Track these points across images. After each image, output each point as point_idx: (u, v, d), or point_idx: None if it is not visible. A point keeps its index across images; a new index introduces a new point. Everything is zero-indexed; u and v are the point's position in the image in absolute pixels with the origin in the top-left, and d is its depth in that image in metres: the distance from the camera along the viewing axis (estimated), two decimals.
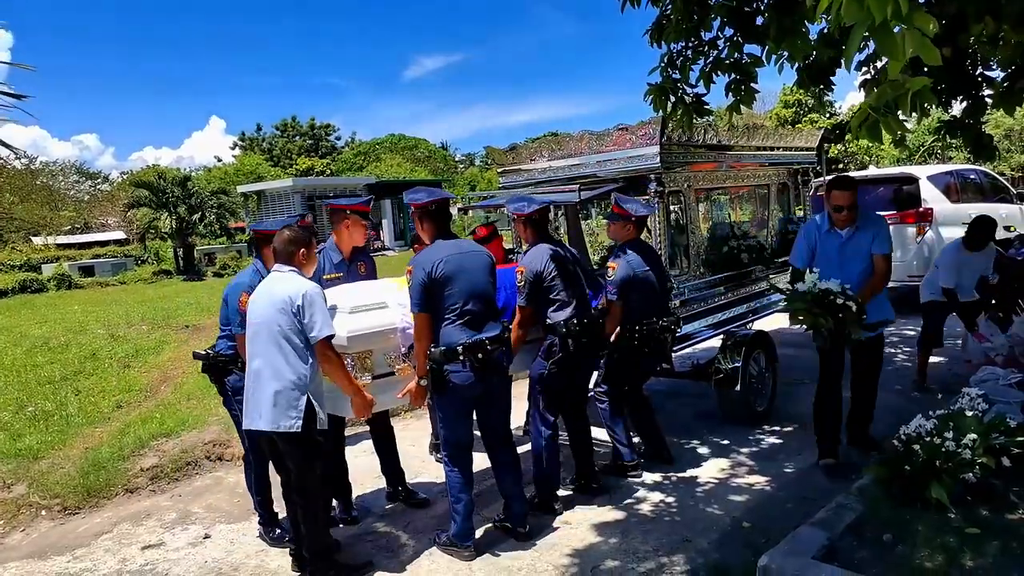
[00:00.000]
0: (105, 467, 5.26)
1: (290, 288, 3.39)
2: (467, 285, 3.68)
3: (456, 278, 3.65)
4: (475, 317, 3.70)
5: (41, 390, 7.78)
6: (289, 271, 3.51)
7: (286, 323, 3.34)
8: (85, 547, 4.26)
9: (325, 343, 3.38)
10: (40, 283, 20.57)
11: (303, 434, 3.36)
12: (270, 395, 3.35)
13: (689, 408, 6.01)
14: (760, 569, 3.17)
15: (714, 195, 6.03)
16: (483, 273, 3.79)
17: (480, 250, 3.92)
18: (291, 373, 3.35)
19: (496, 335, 3.74)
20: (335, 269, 4.36)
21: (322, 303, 3.42)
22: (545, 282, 4.18)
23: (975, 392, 3.95)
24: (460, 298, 3.66)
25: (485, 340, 3.67)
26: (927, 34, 2.05)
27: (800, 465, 4.68)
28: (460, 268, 3.68)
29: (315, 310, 3.36)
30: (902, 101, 1.94)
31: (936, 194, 9.15)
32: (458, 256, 3.72)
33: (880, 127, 2.05)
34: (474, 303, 3.70)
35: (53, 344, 10.40)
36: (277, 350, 3.36)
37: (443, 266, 3.63)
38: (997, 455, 3.63)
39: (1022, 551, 3.19)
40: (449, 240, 3.81)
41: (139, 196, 24.80)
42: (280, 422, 3.35)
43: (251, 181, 36.35)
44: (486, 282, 3.80)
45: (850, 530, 3.48)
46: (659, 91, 3.20)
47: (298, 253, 3.55)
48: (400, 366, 3.84)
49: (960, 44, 4.60)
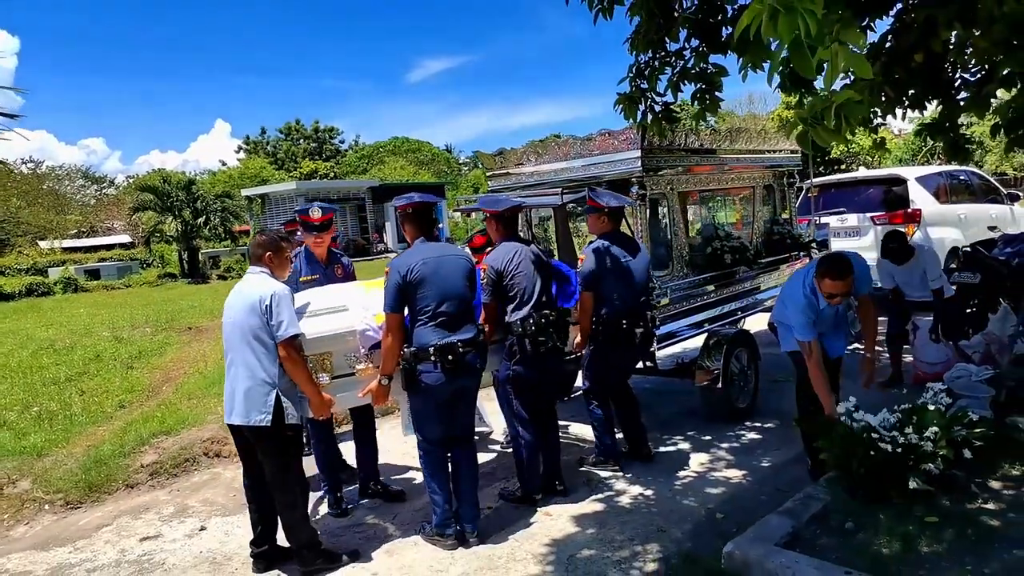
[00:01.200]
0: (106, 463, 5.44)
1: (260, 289, 3.57)
2: (441, 288, 3.79)
3: (430, 281, 3.77)
4: (448, 319, 3.80)
5: (46, 390, 7.96)
6: (260, 272, 3.70)
7: (256, 323, 3.52)
8: (86, 539, 4.44)
9: (290, 343, 3.54)
10: (46, 286, 20.83)
11: (272, 428, 3.54)
12: (242, 391, 3.54)
13: (674, 405, 6.16)
14: (725, 555, 3.33)
15: (698, 197, 6.18)
16: (459, 276, 3.88)
17: (459, 254, 4.03)
18: (261, 371, 3.53)
19: (469, 338, 3.84)
20: (311, 271, 4.58)
21: (289, 304, 3.58)
22: (505, 280, 4.22)
23: (938, 387, 4.09)
24: (433, 300, 3.77)
25: (457, 342, 3.77)
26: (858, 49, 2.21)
27: (777, 460, 4.82)
28: (435, 271, 3.79)
29: (282, 310, 3.53)
30: (827, 113, 2.10)
31: (925, 195, 9.27)
32: (435, 259, 3.83)
33: (809, 136, 2.20)
34: (448, 305, 3.80)
35: (59, 346, 10.61)
36: (249, 349, 3.54)
37: (418, 268, 3.76)
38: (959, 447, 3.78)
39: (977, 538, 3.34)
40: (429, 243, 3.94)
41: (144, 200, 25.05)
42: (251, 416, 3.53)
43: (255, 184, 36.65)
44: (462, 285, 3.88)
45: (815, 519, 3.63)
46: (628, 100, 3.35)
47: (265, 256, 3.72)
48: (360, 367, 3.93)
49: (933, 49, 4.72)
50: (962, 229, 9.53)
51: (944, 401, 3.98)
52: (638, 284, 4.67)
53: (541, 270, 4.33)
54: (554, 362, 4.44)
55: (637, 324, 4.62)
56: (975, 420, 3.91)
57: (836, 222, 9.48)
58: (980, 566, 3.09)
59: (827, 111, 2.10)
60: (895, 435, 3.69)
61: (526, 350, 4.20)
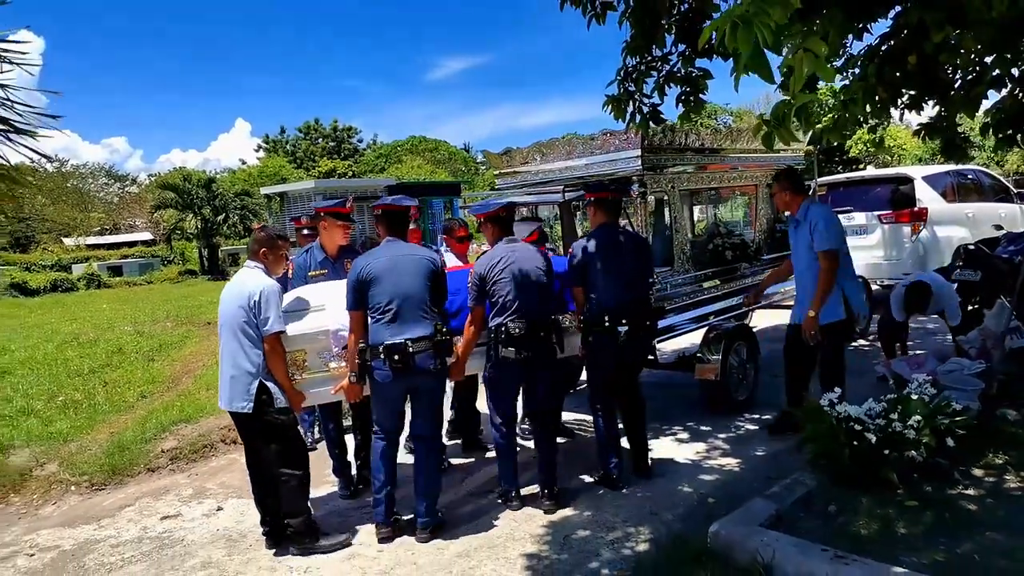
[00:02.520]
0: (129, 449, 5.70)
1: (251, 284, 3.80)
2: (394, 286, 3.87)
3: (383, 279, 3.87)
4: (400, 318, 3.87)
5: (71, 381, 8.27)
6: (255, 267, 3.92)
7: (243, 316, 3.76)
8: (110, 517, 4.69)
9: (274, 338, 3.77)
10: (71, 282, 21.30)
11: (254, 415, 3.78)
12: (228, 379, 3.80)
13: (677, 397, 6.32)
14: (711, 535, 3.50)
15: (700, 195, 6.33)
16: (415, 276, 3.92)
17: (419, 254, 4.04)
18: (245, 361, 3.76)
19: (420, 336, 3.86)
20: (319, 266, 4.77)
21: (276, 301, 3.78)
22: (488, 284, 4.19)
23: (923, 378, 4.23)
24: (385, 298, 3.86)
25: (406, 341, 3.83)
26: (819, 55, 2.38)
27: (771, 449, 4.97)
28: (390, 269, 3.88)
29: (269, 307, 3.75)
30: (787, 116, 2.26)
31: (931, 194, 9.34)
32: (392, 258, 3.93)
33: (773, 136, 2.37)
34: (400, 304, 3.87)
35: (83, 340, 10.96)
36: (235, 339, 3.79)
37: (373, 267, 3.89)
38: (942, 436, 3.93)
39: (954, 521, 3.49)
40: (395, 243, 4.04)
41: (165, 198, 25.53)
42: (235, 403, 3.79)
43: (274, 183, 37.05)
44: (417, 285, 3.91)
45: (799, 503, 3.80)
46: (616, 102, 3.52)
47: (260, 252, 3.96)
48: (333, 365, 4.10)
49: (926, 51, 4.84)
50: (970, 228, 9.58)
51: (929, 392, 4.12)
52: (627, 279, 4.46)
53: (539, 277, 4.25)
54: (543, 370, 4.32)
55: (619, 321, 4.40)
56: (958, 410, 4.05)
57: (844, 220, 9.56)
58: (952, 547, 3.25)
59: (787, 114, 2.26)
60: (879, 423, 3.85)
61: (498, 356, 4.18)
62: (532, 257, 4.29)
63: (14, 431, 6.21)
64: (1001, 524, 3.43)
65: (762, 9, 1.79)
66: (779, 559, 3.18)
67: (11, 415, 6.80)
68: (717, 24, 1.90)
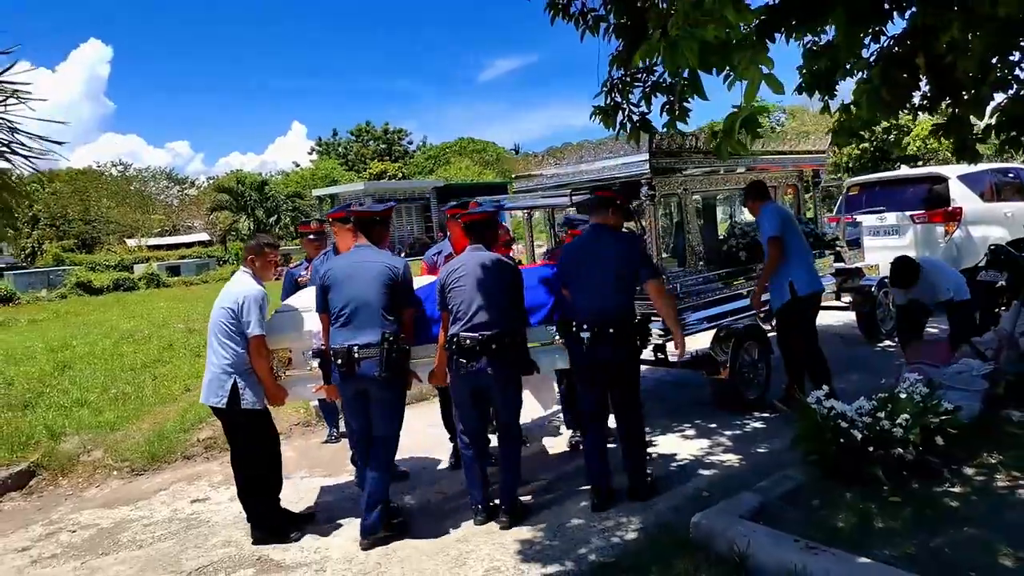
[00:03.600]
0: (168, 438, 6.09)
1: (238, 289, 4.12)
2: (348, 292, 3.99)
3: (339, 284, 4.02)
4: (352, 323, 3.98)
5: (124, 375, 8.76)
6: (244, 272, 4.24)
7: (226, 318, 4.07)
8: (145, 500, 5.08)
9: (257, 340, 4.06)
10: (132, 282, 22.27)
11: (227, 409, 4.08)
12: (207, 376, 4.14)
13: (688, 395, 6.44)
14: (692, 525, 3.65)
15: (712, 197, 6.43)
16: (371, 282, 3.99)
17: (378, 260, 4.08)
18: (223, 359, 4.07)
19: (368, 343, 3.91)
20: None
21: (257, 307, 4.05)
22: (446, 292, 4.18)
23: (914, 377, 4.29)
24: (340, 303, 4.01)
25: (352, 347, 3.92)
26: (769, 69, 2.53)
27: (774, 447, 5.05)
28: (346, 275, 4.02)
29: (251, 312, 4.05)
30: (733, 126, 2.41)
31: (967, 193, 9.20)
32: (349, 264, 4.08)
33: (723, 145, 2.52)
34: (352, 309, 3.98)
35: (138, 337, 11.55)
36: (215, 339, 4.11)
37: (331, 272, 4.08)
38: (931, 434, 3.99)
39: (935, 516, 3.57)
40: (361, 248, 4.17)
41: (221, 200, 26.49)
42: (210, 399, 4.12)
43: (326, 185, 37.99)
44: (371, 291, 3.98)
45: (786, 497, 3.91)
46: (604, 113, 3.68)
47: (249, 259, 4.29)
48: (314, 364, 4.33)
49: (936, 52, 4.87)
50: (1008, 227, 9.40)
51: (921, 391, 4.17)
52: (601, 283, 4.23)
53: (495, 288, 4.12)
54: (500, 382, 4.16)
55: (583, 327, 4.21)
56: (949, 409, 4.09)
57: (875, 220, 9.51)
58: (927, 540, 3.33)
59: (733, 126, 2.42)
60: (866, 421, 3.94)
61: (452, 367, 4.18)
62: (492, 267, 4.15)
63: (67, 420, 6.66)
64: (980, 520, 3.49)
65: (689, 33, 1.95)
66: (754, 548, 3.31)
67: (66, 405, 7.27)
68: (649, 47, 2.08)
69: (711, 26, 2.16)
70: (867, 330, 7.97)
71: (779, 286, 5.59)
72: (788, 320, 5.70)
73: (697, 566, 3.38)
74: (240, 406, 4.08)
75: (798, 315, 5.63)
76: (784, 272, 5.54)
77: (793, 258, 5.55)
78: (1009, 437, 4.43)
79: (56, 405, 7.02)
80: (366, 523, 4.03)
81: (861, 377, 6.40)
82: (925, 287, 6.16)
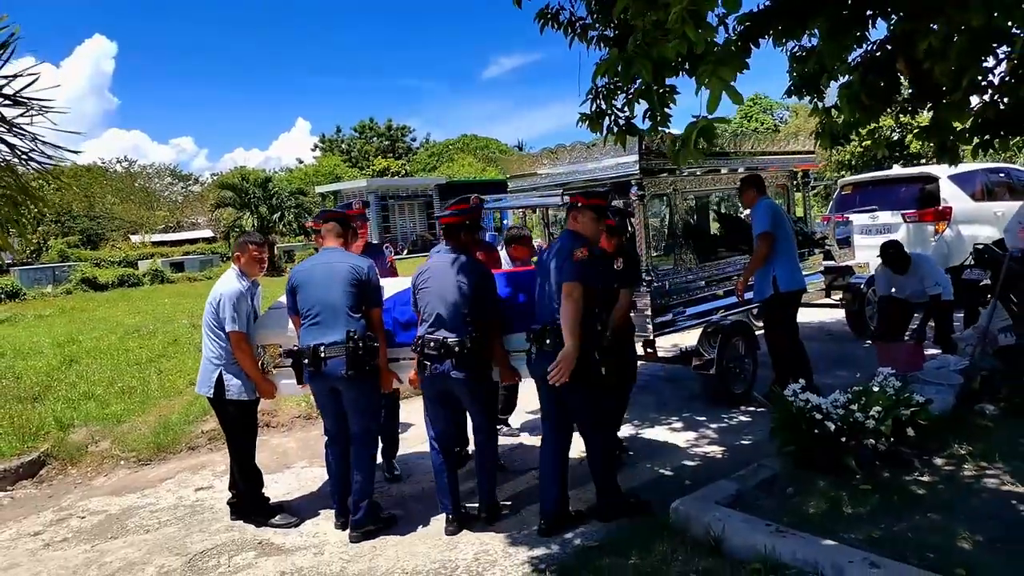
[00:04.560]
0: (173, 429, 6.30)
1: (217, 287, 4.36)
2: (313, 292, 4.10)
3: (305, 285, 4.14)
4: (317, 323, 4.08)
5: (129, 370, 8.96)
6: (231, 270, 4.46)
7: (209, 314, 4.34)
8: (152, 488, 5.28)
9: (236, 336, 4.28)
10: (136, 278, 22.48)
11: (214, 399, 4.37)
12: (200, 368, 4.41)
13: (680, 389, 6.63)
14: (671, 511, 3.84)
15: (703, 197, 6.60)
16: (335, 283, 4.06)
17: (344, 261, 4.14)
18: (210, 352, 4.35)
19: (334, 342, 3.99)
20: None
21: (232, 304, 4.25)
22: (415, 294, 4.19)
23: (887, 371, 4.47)
24: (306, 305, 4.13)
25: (318, 346, 4.02)
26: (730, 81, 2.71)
27: (758, 438, 5.24)
28: (311, 277, 4.14)
29: (226, 309, 4.27)
30: (689, 136, 2.59)
31: (957, 192, 9.36)
32: (315, 265, 4.20)
33: (682, 154, 2.70)
34: (316, 310, 4.08)
35: (143, 332, 11.74)
36: (204, 333, 4.39)
37: (298, 274, 4.22)
38: (902, 426, 4.17)
39: (902, 503, 3.75)
40: (328, 250, 4.26)
41: (224, 197, 26.64)
42: (201, 389, 4.42)
43: (329, 181, 38.20)
44: (334, 291, 4.05)
45: (763, 485, 4.10)
46: (590, 119, 3.85)
47: (234, 256, 4.53)
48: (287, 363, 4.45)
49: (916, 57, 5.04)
50: (998, 227, 9.52)
51: (894, 384, 4.35)
52: (548, 287, 3.96)
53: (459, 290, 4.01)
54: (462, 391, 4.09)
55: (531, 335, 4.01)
56: (920, 402, 4.27)
57: (868, 219, 9.68)
58: (891, 525, 3.52)
59: (691, 135, 2.60)
60: (840, 412, 4.12)
61: (418, 369, 4.15)
62: (459, 270, 4.05)
63: (75, 412, 6.86)
64: (943, 506, 3.68)
65: (644, 51, 2.14)
66: (728, 532, 3.50)
67: (74, 398, 7.47)
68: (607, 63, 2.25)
69: (674, 42, 2.34)
70: (856, 327, 8.15)
71: (763, 280, 5.78)
72: (769, 315, 5.90)
73: (675, 549, 3.57)
74: (225, 396, 4.33)
75: (779, 311, 5.82)
76: (769, 267, 5.74)
77: (780, 255, 5.74)
78: (980, 429, 4.62)
79: (64, 398, 7.23)
80: (355, 518, 4.15)
81: (849, 373, 6.55)
82: (914, 279, 6.36)
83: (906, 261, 6.44)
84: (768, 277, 5.72)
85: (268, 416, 6.59)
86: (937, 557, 3.17)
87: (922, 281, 6.34)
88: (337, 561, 3.92)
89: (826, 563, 3.09)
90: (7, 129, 2.28)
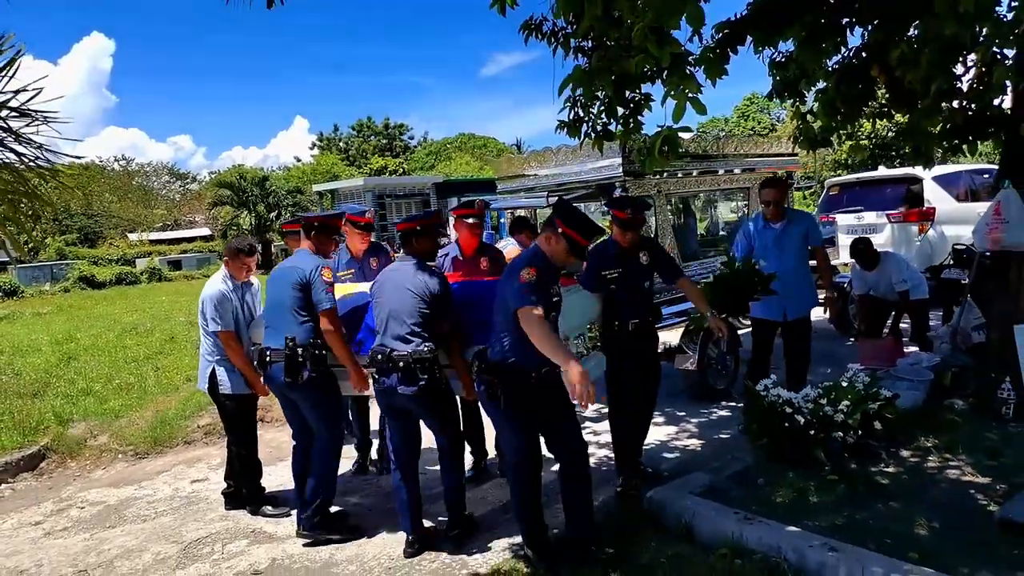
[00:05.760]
0: (170, 424, 6.47)
1: (207, 288, 4.56)
2: (270, 296, 4.20)
3: (267, 288, 4.24)
4: (272, 326, 4.15)
5: (127, 366, 9.13)
6: (221, 272, 4.64)
7: (199, 312, 4.55)
8: (149, 480, 5.45)
9: (221, 335, 4.45)
10: (134, 276, 22.63)
11: (211, 393, 4.61)
12: (199, 364, 4.64)
13: (664, 386, 6.76)
14: (646, 500, 4.01)
15: (688, 198, 6.77)
16: (283, 286, 4.09)
17: (291, 263, 4.21)
18: (204, 348, 4.60)
19: (277, 347, 4.03)
20: (347, 266, 5.32)
21: (212, 305, 4.44)
22: (373, 301, 4.07)
23: (856, 367, 4.65)
24: (266, 307, 4.29)
25: (264, 350, 4.12)
26: (695, 94, 2.88)
27: (734, 432, 5.40)
28: (271, 280, 4.22)
29: (207, 310, 4.48)
30: (655, 145, 2.76)
31: (941, 194, 9.54)
32: (276, 270, 4.28)
33: (648, 162, 2.87)
34: (272, 313, 4.17)
35: (141, 329, 11.90)
36: (200, 331, 4.60)
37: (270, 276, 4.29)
38: (870, 420, 4.34)
39: (866, 492, 3.92)
40: (295, 254, 4.37)
41: (222, 195, 26.77)
42: (200, 384, 4.69)
43: (327, 180, 38.29)
44: (281, 294, 4.09)
45: (735, 476, 4.27)
46: (567, 126, 4.02)
47: (223, 260, 4.74)
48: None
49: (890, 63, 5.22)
50: None
51: (863, 380, 4.52)
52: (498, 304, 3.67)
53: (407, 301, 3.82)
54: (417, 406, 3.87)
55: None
56: (888, 397, 4.44)
57: (853, 219, 9.85)
58: (854, 513, 3.69)
59: (655, 144, 2.76)
60: (810, 407, 4.29)
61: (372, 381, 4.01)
62: (412, 280, 3.86)
63: (74, 407, 7.03)
64: (905, 495, 3.85)
65: (606, 67, 2.30)
66: (698, 520, 3.69)
67: (73, 394, 7.63)
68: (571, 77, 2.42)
69: (638, 58, 2.50)
70: (840, 325, 8.31)
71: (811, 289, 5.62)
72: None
73: (648, 536, 3.74)
74: (219, 391, 4.54)
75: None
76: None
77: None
78: (948, 424, 4.78)
79: (63, 394, 7.40)
80: (301, 516, 4.20)
81: (834, 370, 6.72)
82: (883, 276, 6.55)
83: (875, 258, 6.62)
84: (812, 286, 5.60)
85: (262, 411, 6.71)
86: (894, 543, 3.33)
87: (890, 278, 6.52)
88: (326, 549, 4.09)
89: (788, 548, 3.26)
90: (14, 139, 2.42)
